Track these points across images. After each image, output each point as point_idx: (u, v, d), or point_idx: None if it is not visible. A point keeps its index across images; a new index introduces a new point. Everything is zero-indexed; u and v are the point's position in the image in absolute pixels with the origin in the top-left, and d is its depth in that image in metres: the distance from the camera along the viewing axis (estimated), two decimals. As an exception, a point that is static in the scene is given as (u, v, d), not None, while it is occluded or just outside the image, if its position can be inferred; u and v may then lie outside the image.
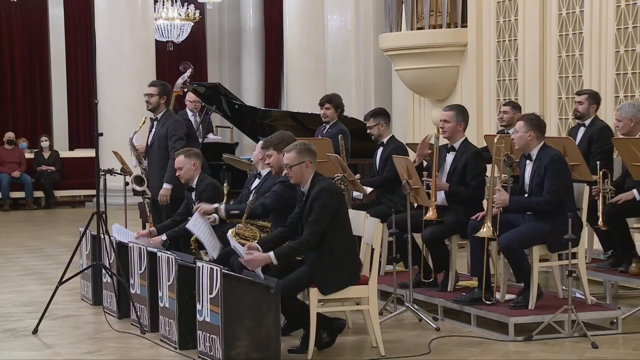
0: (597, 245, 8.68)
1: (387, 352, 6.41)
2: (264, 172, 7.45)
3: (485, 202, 7.28)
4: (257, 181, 7.51)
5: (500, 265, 7.34)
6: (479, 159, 7.82)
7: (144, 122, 9.04)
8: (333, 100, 9.48)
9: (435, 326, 7.14)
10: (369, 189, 8.43)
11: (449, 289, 7.75)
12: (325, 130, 9.44)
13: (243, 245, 6.52)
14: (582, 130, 8.48)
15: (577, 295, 7.40)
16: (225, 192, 7.51)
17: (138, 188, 8.97)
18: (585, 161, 7.93)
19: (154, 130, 8.95)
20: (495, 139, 7.35)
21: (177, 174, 7.97)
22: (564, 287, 7.32)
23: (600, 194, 7.73)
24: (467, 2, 11.70)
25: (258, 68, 23.58)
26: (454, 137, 7.81)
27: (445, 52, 11.66)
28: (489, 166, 7.54)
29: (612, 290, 8.05)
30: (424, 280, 7.92)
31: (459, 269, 7.99)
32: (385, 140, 8.57)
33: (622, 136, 7.83)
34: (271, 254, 6.30)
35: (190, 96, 11.62)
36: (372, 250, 6.56)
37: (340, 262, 6.38)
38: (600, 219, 7.67)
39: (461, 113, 7.87)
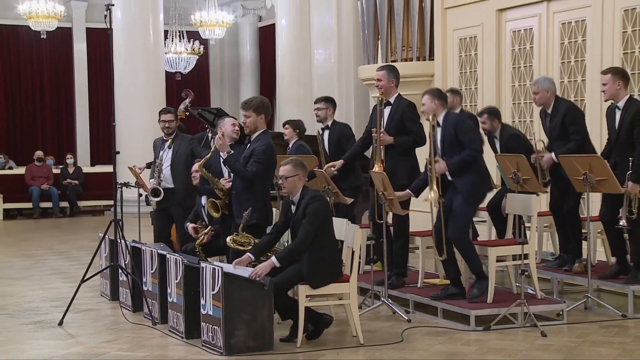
0: (545, 247, 8.71)
1: (365, 341, 6.40)
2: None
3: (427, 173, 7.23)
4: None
5: (462, 265, 7.36)
6: (414, 108, 7.83)
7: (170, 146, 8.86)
8: (291, 122, 9.57)
9: (407, 318, 7.13)
10: (349, 200, 8.41)
11: (418, 286, 7.75)
12: (289, 147, 9.47)
13: (238, 249, 6.56)
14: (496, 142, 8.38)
15: (529, 290, 7.40)
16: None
17: (155, 199, 8.80)
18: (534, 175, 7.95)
19: (172, 149, 8.76)
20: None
21: (192, 175, 7.92)
22: (517, 284, 7.34)
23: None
24: (434, 39, 11.74)
25: (254, 95, 23.53)
26: (388, 92, 7.82)
27: (416, 81, 11.66)
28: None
29: (558, 287, 8.07)
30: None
31: (426, 269, 7.99)
32: (329, 123, 8.69)
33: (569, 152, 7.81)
34: (273, 258, 6.28)
35: None
36: (353, 252, 6.55)
37: (326, 260, 6.36)
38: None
39: (392, 71, 7.90)
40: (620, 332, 6.65)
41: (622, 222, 7.24)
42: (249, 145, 7.03)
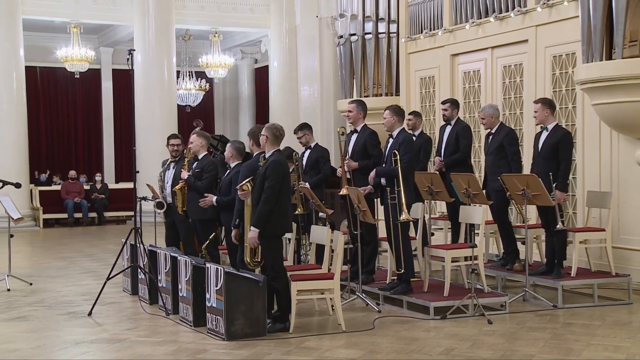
0: (491, 250, 8.72)
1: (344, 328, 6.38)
2: (232, 165, 7.29)
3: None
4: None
5: (423, 265, 7.35)
6: (375, 136, 7.72)
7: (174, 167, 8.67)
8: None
9: (377, 309, 7.11)
10: (330, 210, 8.38)
11: (387, 282, 7.71)
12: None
13: None
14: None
15: (478, 286, 7.40)
16: None
17: (159, 211, 8.58)
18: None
19: (174, 170, 8.57)
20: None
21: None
22: (468, 281, 7.33)
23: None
24: (400, 78, 11.80)
25: (251, 124, 23.45)
26: (356, 122, 7.76)
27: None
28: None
29: (501, 282, 8.08)
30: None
31: (394, 268, 7.96)
32: (312, 145, 8.58)
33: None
34: (252, 228, 6.18)
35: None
36: (336, 255, 6.52)
37: (271, 218, 6.19)
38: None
39: (360, 104, 7.82)
40: (552, 319, 6.67)
41: (559, 225, 7.29)
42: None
